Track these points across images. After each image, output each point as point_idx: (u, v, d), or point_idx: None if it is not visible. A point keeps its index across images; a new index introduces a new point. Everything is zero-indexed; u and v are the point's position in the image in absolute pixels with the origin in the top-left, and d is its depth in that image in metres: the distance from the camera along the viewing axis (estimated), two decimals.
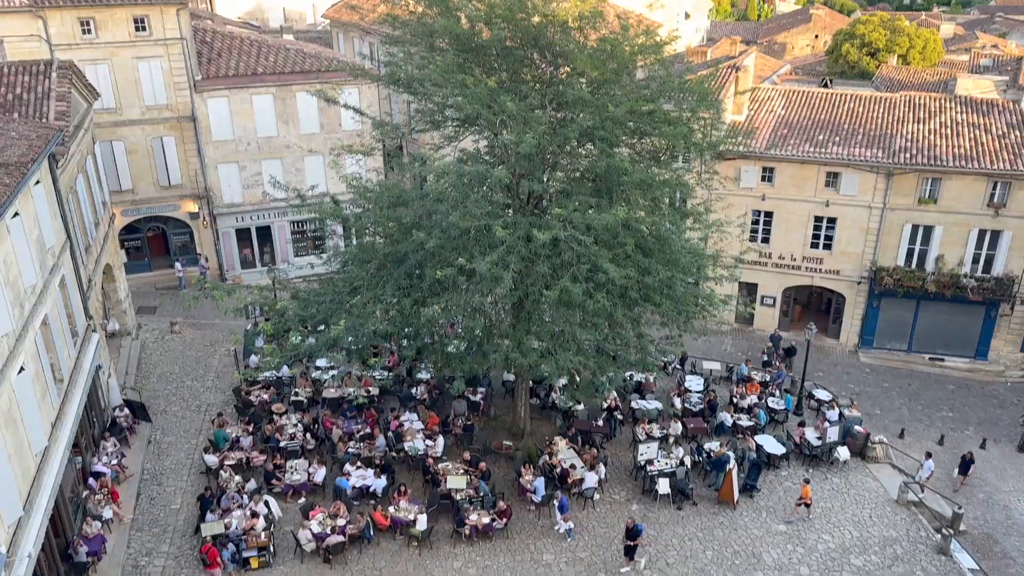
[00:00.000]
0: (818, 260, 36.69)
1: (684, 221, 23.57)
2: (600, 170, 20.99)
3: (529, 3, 20.73)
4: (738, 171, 35.64)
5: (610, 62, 20.91)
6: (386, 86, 24.56)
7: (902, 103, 37.14)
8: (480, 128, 22.16)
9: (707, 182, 30.19)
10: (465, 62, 21.06)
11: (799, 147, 35.27)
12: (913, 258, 35.49)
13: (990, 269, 34.77)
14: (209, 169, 37.77)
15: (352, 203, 24.16)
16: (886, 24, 56.05)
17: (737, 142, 32.10)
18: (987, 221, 34.10)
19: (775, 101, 38.47)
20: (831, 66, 57.99)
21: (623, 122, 20.91)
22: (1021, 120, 35.21)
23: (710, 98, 23.72)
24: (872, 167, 34.46)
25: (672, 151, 23.40)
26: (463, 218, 19.26)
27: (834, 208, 35.59)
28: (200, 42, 37.54)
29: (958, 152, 33.97)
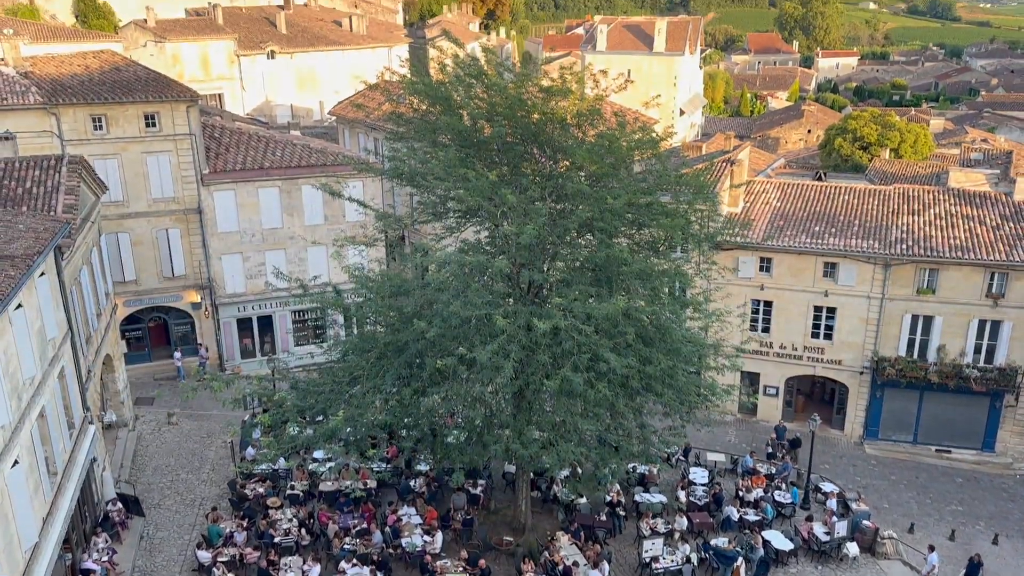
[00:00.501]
0: (819, 350, 36.62)
1: (684, 311, 23.65)
2: (600, 260, 21.22)
3: (529, 101, 21.39)
4: (736, 261, 36.00)
5: (608, 157, 21.44)
6: (390, 180, 25.11)
7: (896, 195, 37.84)
8: (481, 219, 22.54)
9: (706, 272, 30.45)
10: (467, 156, 21.61)
11: (796, 238, 35.74)
12: (914, 348, 35.44)
13: (992, 359, 34.67)
14: (213, 260, 38.18)
15: (354, 293, 24.33)
16: (877, 119, 57.69)
17: (734, 233, 32.54)
18: (987, 311, 34.21)
19: (770, 193, 39.21)
20: (824, 160, 59.35)
21: (622, 214, 21.28)
22: (1014, 212, 35.80)
23: (706, 191, 24.20)
24: (869, 258, 34.83)
25: (670, 242, 23.72)
26: (464, 307, 19.36)
27: (833, 298, 35.78)
28: (209, 137, 38.58)
29: (954, 243, 34.40)
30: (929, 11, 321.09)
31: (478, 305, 19.66)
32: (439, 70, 22.50)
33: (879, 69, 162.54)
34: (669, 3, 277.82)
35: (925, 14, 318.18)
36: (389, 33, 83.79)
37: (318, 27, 77.27)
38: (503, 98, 21.27)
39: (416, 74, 23.63)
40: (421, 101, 22.64)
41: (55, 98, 33.80)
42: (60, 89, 34.54)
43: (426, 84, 22.13)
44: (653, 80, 77.47)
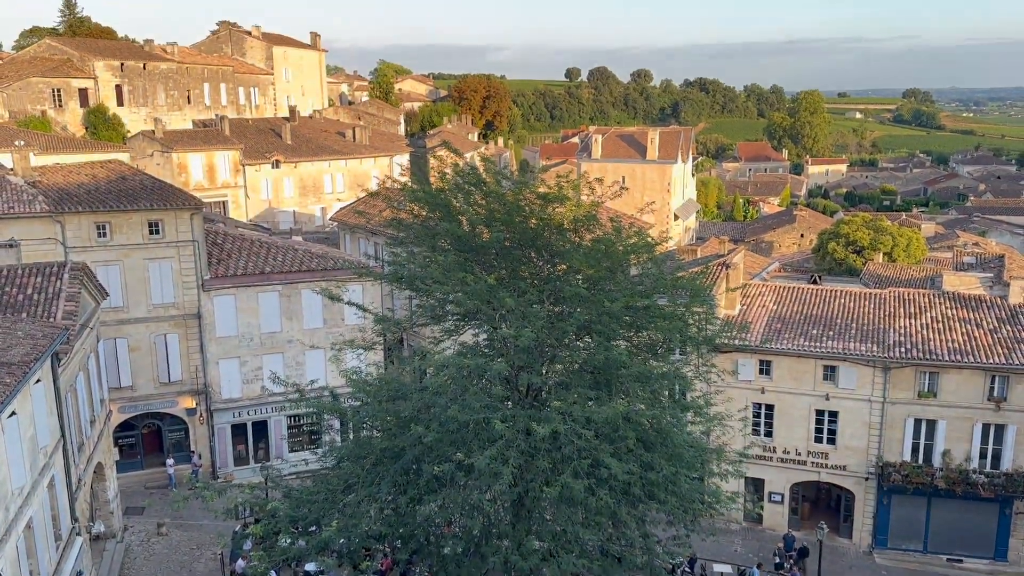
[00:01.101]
0: (823, 455, 36.02)
1: (685, 414, 23.37)
2: (598, 363, 21.11)
3: (527, 207, 21.81)
4: (735, 364, 35.87)
5: (604, 260, 21.67)
6: (389, 283, 25.29)
7: (892, 299, 38.11)
8: (480, 322, 22.56)
9: (705, 375, 30.25)
10: (466, 261, 21.85)
11: (794, 341, 35.75)
12: (919, 453, 34.88)
13: (999, 464, 34.07)
14: (210, 365, 38.02)
15: (351, 397, 24.08)
16: (869, 224, 58.69)
17: (732, 336, 32.56)
18: (990, 415, 33.87)
19: (767, 296, 39.50)
20: (818, 263, 60.03)
21: (619, 316, 21.33)
22: (1011, 315, 35.98)
23: (703, 293, 24.35)
24: (868, 361, 34.74)
25: (669, 344, 23.67)
26: (462, 411, 19.12)
27: (834, 402, 35.47)
28: (211, 243, 39.14)
29: (952, 347, 34.40)
30: (914, 120, 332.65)
31: (476, 409, 19.43)
32: (439, 178, 23.06)
33: (868, 175, 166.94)
34: (661, 114, 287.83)
35: (910, 123, 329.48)
36: (391, 143, 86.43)
37: (322, 138, 79.74)
38: (501, 204, 21.70)
39: (416, 182, 24.19)
40: (421, 207, 23.09)
41: (61, 206, 34.49)
42: (66, 197, 35.29)
43: (426, 191, 22.63)
44: (647, 186, 79.32)
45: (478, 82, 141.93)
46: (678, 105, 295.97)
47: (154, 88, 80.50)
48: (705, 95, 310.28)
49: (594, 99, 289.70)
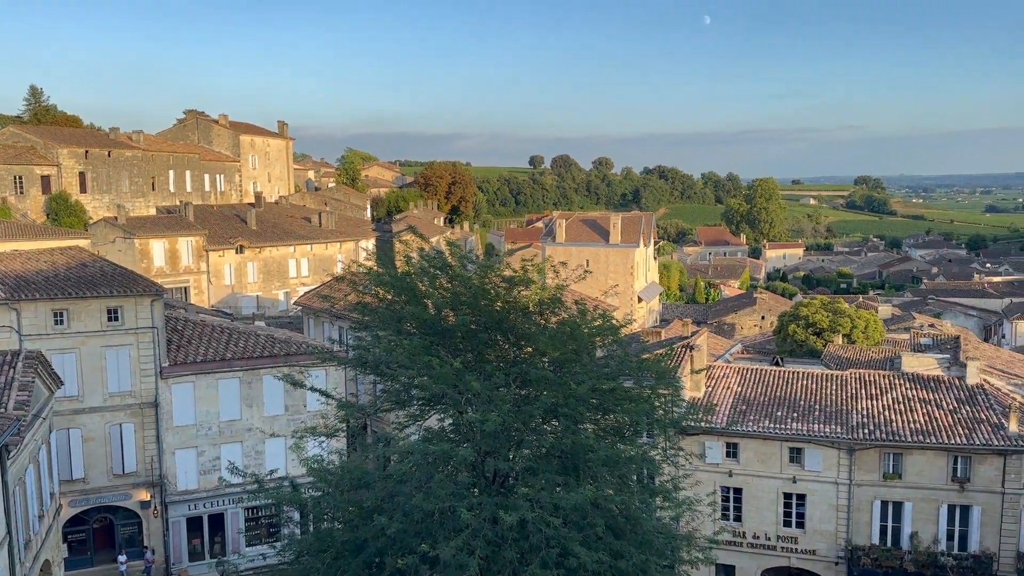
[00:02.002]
0: (793, 539, 35.65)
1: (654, 499, 23.07)
2: (566, 447, 20.89)
3: (492, 291, 21.93)
4: (702, 447, 35.76)
5: (570, 343, 21.72)
6: (354, 368, 25.00)
7: (853, 380, 38.56)
8: (445, 407, 22.29)
9: (673, 458, 30.02)
10: (431, 344, 21.74)
11: (759, 423, 35.83)
12: (887, 536, 34.70)
13: (966, 546, 33.97)
14: (166, 455, 36.85)
15: (311, 486, 23.42)
16: (827, 306, 59.85)
17: (698, 418, 32.52)
18: (955, 496, 33.97)
19: (731, 378, 39.73)
20: (780, 345, 60.78)
21: (586, 399, 21.25)
22: (969, 396, 36.55)
23: (668, 375, 24.43)
24: (833, 443, 34.86)
25: (636, 427, 23.55)
26: (427, 500, 18.67)
27: (802, 484, 35.35)
28: (171, 330, 38.53)
29: (914, 427, 34.73)
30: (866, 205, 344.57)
31: (442, 497, 19.00)
32: (405, 262, 23.16)
33: (824, 259, 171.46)
34: (622, 200, 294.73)
35: (863, 208, 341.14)
36: (357, 228, 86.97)
37: (288, 223, 79.99)
38: (467, 288, 21.79)
39: (382, 266, 24.25)
40: (387, 291, 23.08)
41: (17, 293, 33.85)
42: (24, 284, 34.69)
43: (391, 275, 22.67)
44: (611, 270, 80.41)
45: (444, 168, 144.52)
46: (639, 191, 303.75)
47: (118, 175, 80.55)
48: (664, 182, 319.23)
49: (557, 185, 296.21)
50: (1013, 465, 33.48)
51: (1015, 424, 33.90)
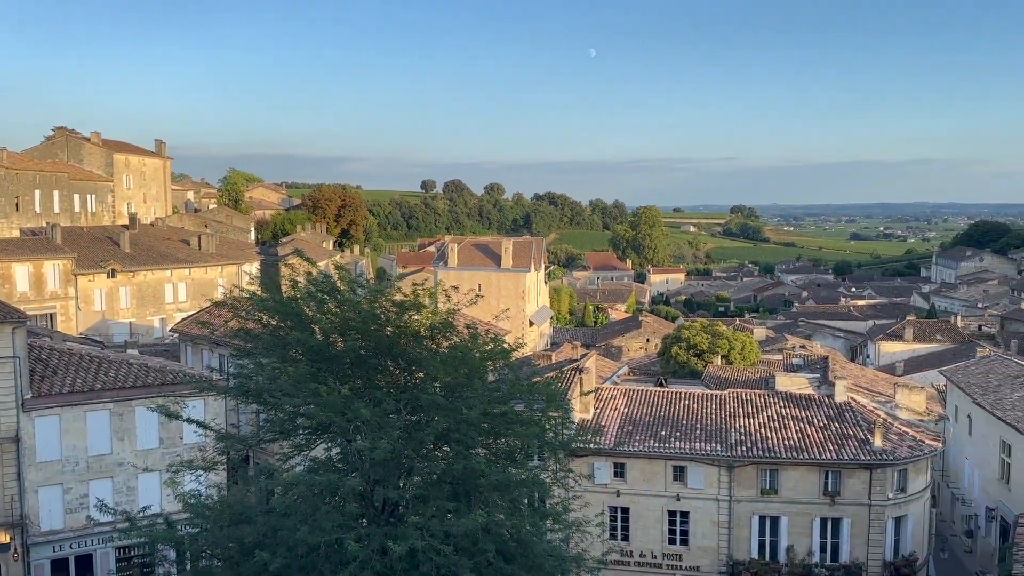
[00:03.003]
0: (677, 556, 36.57)
1: (544, 522, 23.19)
2: (457, 473, 20.72)
3: (382, 315, 21.62)
4: (591, 468, 36.27)
5: (462, 367, 21.64)
6: (235, 397, 24.03)
7: (732, 399, 40.17)
8: (333, 435, 21.72)
9: (563, 480, 30.32)
10: (318, 371, 21.18)
11: (645, 442, 36.73)
12: (766, 550, 36.13)
13: (837, 557, 35.79)
14: (28, 493, 34.14)
15: (188, 523, 22.25)
16: (707, 329, 62.29)
17: (587, 439, 33.03)
18: (826, 509, 35.79)
19: (618, 400, 40.61)
20: (664, 366, 62.70)
21: (477, 424, 21.19)
22: (837, 413, 38.71)
23: (558, 398, 24.72)
24: (713, 460, 36.12)
25: (527, 450, 23.66)
26: (312, 533, 18.08)
27: (685, 502, 36.40)
28: (35, 360, 35.91)
29: (788, 444, 36.45)
30: (741, 233, 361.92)
31: (328, 529, 18.44)
32: (290, 286, 22.53)
33: (704, 284, 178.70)
34: (513, 225, 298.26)
35: (739, 235, 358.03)
36: (240, 251, 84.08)
37: (164, 246, 76.45)
38: (356, 312, 21.40)
39: (267, 290, 23.49)
40: (271, 316, 22.36)
41: None
42: None
43: (276, 300, 21.99)
44: (503, 294, 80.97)
45: (333, 191, 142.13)
46: (530, 217, 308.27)
47: None
48: (554, 208, 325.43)
49: (450, 210, 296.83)
50: (878, 478, 35.62)
51: (880, 439, 36.11)
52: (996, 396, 45.64)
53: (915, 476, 36.86)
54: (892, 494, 35.83)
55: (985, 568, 42.70)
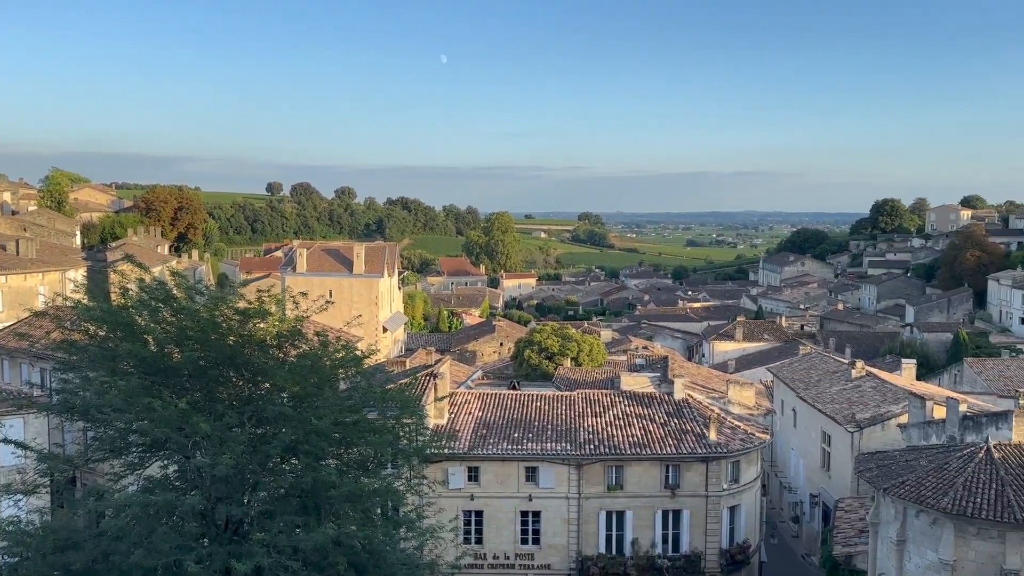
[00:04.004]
0: (529, 556, 37.25)
1: (398, 531, 22.96)
2: (306, 486, 20.13)
3: (224, 324, 20.67)
4: (446, 473, 36.29)
5: (311, 376, 21.07)
6: (59, 415, 22.20)
7: (581, 400, 41.43)
8: (169, 452, 20.53)
9: (417, 487, 30.15)
10: (153, 384, 19.96)
11: (498, 445, 37.18)
12: (612, 544, 37.49)
13: (679, 547, 37.68)
14: None
15: (6, 552, 20.32)
16: (557, 332, 63.92)
17: (442, 445, 33.02)
18: (667, 502, 37.61)
19: (472, 404, 40.88)
20: (517, 369, 63.75)
21: (328, 434, 20.68)
22: (676, 409, 40.79)
23: (412, 404, 24.57)
24: (564, 460, 37.10)
25: (380, 459, 23.35)
26: (148, 556, 17.02)
27: (537, 502, 37.15)
28: None
29: (632, 441, 38.03)
30: (588, 239, 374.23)
31: (165, 551, 17.41)
32: (120, 294, 21.10)
33: (554, 288, 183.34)
34: (366, 230, 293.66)
35: (586, 242, 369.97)
36: (63, 256, 77.79)
37: None
38: (194, 321, 20.34)
39: (93, 299, 21.87)
40: (98, 327, 20.84)
41: None
42: None
43: (104, 309, 20.53)
44: (355, 300, 79.47)
45: (169, 193, 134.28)
46: (382, 221, 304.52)
47: None
48: (408, 213, 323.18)
49: (298, 213, 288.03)
50: (714, 470, 37.84)
51: (715, 433, 38.37)
52: (817, 390, 49.71)
53: (747, 467, 39.44)
54: (727, 485, 38.15)
55: (810, 551, 46.37)
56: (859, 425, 41.69)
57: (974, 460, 26.50)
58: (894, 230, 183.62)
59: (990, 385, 55.72)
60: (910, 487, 26.78)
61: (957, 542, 25.34)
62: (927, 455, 29.17)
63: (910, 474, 27.56)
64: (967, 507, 25.00)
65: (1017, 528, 24.37)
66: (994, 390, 53.34)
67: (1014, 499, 24.71)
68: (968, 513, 24.88)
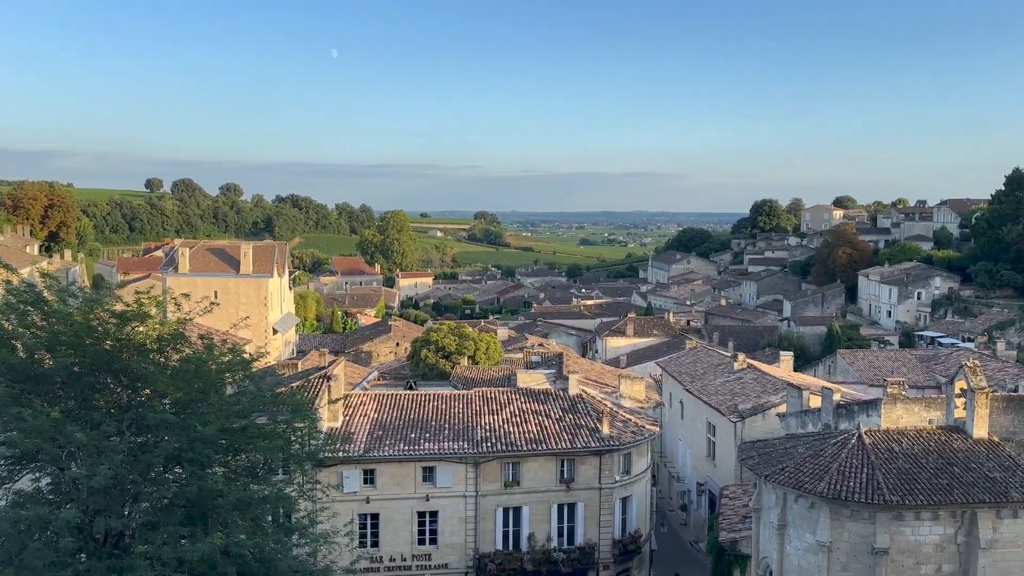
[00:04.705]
0: (427, 556, 37.12)
1: (290, 538, 22.42)
2: (192, 495, 19.37)
3: (100, 328, 19.64)
4: (340, 477, 35.66)
5: (195, 381, 20.31)
6: None
7: (478, 398, 41.57)
8: (41, 464, 19.34)
9: (310, 493, 29.50)
10: (22, 393, 18.77)
11: (395, 446, 36.84)
12: (510, 540, 37.83)
13: (573, 539, 38.40)
14: None
15: None
16: (454, 331, 63.88)
17: (336, 448, 32.43)
18: (563, 496, 38.27)
19: (368, 405, 40.33)
20: (413, 369, 63.32)
21: (214, 441, 19.97)
22: (571, 405, 41.55)
23: (304, 408, 24.03)
24: (461, 458, 37.15)
25: (270, 465, 22.74)
26: (19, 574, 15.99)
27: (434, 502, 37.05)
28: None
29: (528, 437, 38.47)
30: (485, 238, 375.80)
31: (39, 568, 16.45)
32: None
33: (451, 287, 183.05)
34: (254, 228, 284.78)
35: (482, 241, 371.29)
36: None
37: None
38: (68, 325, 19.24)
39: None
40: None
41: None
42: None
43: None
44: (243, 301, 76.95)
45: (38, 189, 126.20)
46: (272, 220, 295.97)
47: None
48: (298, 211, 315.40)
49: (180, 211, 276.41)
50: (607, 463, 38.76)
51: (607, 427, 39.29)
52: (703, 383, 51.71)
53: (638, 459, 40.61)
54: (619, 477, 39.16)
55: (698, 537, 48.19)
56: (741, 415, 43.65)
57: (847, 446, 28.21)
58: (772, 229, 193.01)
59: (861, 375, 59.46)
60: (789, 473, 28.24)
61: (833, 524, 26.91)
62: (804, 442, 30.84)
63: (789, 461, 29.07)
64: (841, 491, 26.58)
65: (886, 509, 26.11)
66: (865, 380, 57.02)
67: (883, 482, 26.46)
68: (842, 496, 26.47)
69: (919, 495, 26.21)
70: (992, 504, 26.26)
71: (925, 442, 28.65)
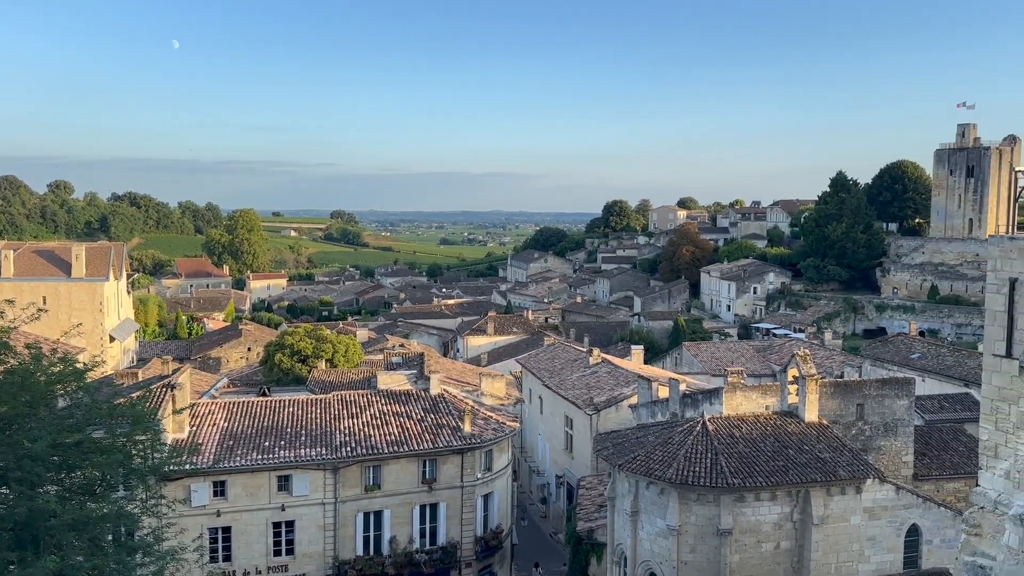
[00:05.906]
0: (283, 567, 35.97)
1: (132, 557, 21.11)
2: (20, 517, 17.88)
3: None
4: (187, 491, 33.90)
5: (22, 394, 18.84)
6: None
7: (336, 402, 40.66)
8: None
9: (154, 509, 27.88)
10: None
11: (247, 456, 35.42)
12: (371, 545, 37.29)
13: (436, 540, 38.36)
14: None
15: None
16: (311, 334, 62.15)
17: (182, 461, 30.80)
18: (425, 496, 38.14)
19: (217, 414, 38.53)
20: (267, 375, 61.06)
21: (45, 458, 18.55)
22: (433, 404, 41.46)
23: (146, 420, 22.72)
24: (319, 465, 36.22)
25: (109, 481, 21.34)
26: None
27: (291, 511, 35.94)
28: None
29: (390, 439, 38.05)
30: (342, 238, 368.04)
31: None
32: None
33: (307, 289, 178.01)
34: (87, 228, 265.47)
35: (339, 240, 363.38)
36: None
37: None
38: None
39: None
40: None
41: None
42: None
43: None
44: (75, 307, 71.62)
45: None
46: (107, 219, 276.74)
47: None
48: (137, 210, 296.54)
49: (3, 210, 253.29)
50: (469, 461, 38.96)
51: (469, 425, 39.51)
52: (560, 378, 53.04)
53: (499, 455, 41.09)
54: (481, 474, 39.48)
55: (557, 529, 49.40)
56: (596, 408, 45.15)
57: (692, 433, 29.80)
58: (623, 228, 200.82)
59: (704, 366, 62.98)
60: (640, 462, 29.50)
61: (681, 508, 28.35)
62: (654, 431, 32.31)
63: (640, 450, 30.36)
64: (688, 476, 28.05)
65: (729, 492, 27.78)
66: (708, 370, 60.46)
67: (726, 466, 28.15)
68: (689, 481, 27.94)
69: (758, 477, 28.08)
70: (823, 483, 28.52)
71: (763, 427, 30.72)
